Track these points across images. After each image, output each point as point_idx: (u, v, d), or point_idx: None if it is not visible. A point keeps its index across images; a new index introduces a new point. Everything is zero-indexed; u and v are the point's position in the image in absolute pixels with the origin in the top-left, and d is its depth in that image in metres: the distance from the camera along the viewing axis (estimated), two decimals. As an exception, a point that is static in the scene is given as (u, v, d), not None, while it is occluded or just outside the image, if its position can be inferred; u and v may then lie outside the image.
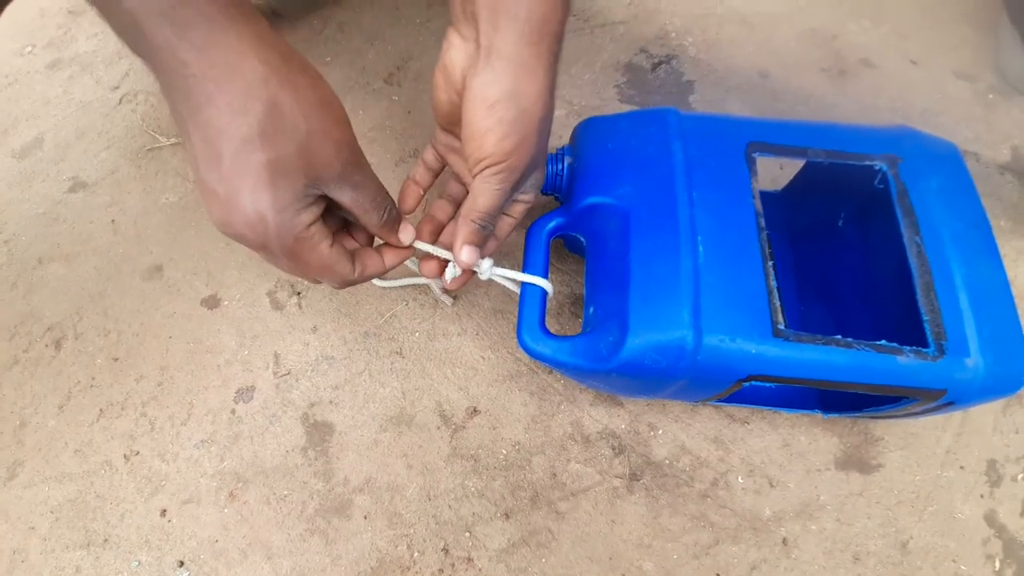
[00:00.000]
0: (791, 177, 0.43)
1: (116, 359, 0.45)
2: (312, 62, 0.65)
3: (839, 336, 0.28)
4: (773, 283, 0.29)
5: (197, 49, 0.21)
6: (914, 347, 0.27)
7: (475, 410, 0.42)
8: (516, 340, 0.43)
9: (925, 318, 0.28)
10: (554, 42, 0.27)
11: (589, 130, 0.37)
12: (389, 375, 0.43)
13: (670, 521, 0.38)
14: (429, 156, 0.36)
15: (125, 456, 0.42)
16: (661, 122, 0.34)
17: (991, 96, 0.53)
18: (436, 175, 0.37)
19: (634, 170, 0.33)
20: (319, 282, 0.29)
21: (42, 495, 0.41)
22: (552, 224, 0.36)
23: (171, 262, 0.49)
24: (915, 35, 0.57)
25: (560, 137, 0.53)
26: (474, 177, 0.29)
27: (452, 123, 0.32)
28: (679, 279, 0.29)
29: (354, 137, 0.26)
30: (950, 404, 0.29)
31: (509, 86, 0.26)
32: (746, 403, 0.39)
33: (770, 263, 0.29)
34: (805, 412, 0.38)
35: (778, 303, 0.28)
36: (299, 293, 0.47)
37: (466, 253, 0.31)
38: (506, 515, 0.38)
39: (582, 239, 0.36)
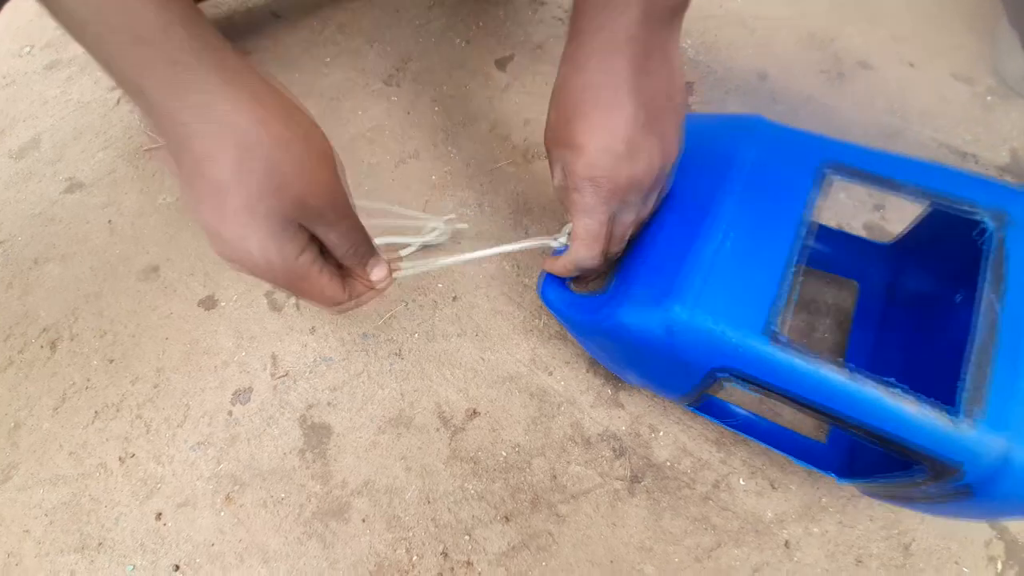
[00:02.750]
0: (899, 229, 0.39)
1: (112, 360, 0.45)
2: (312, 63, 0.66)
3: (842, 359, 0.26)
4: (787, 291, 0.28)
5: (178, 102, 0.22)
6: (936, 402, 0.24)
7: (475, 412, 0.41)
8: (508, 343, 0.43)
9: (965, 380, 0.24)
10: None
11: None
12: (388, 376, 0.43)
13: (672, 524, 0.37)
14: None
15: (120, 459, 0.41)
16: (744, 127, 0.34)
17: (989, 98, 0.53)
18: None
19: (697, 163, 0.32)
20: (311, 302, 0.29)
21: (36, 498, 0.40)
22: None
23: (168, 262, 0.49)
24: (912, 38, 0.57)
25: (560, 138, 0.53)
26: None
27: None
28: (693, 259, 0.29)
29: (336, 179, 0.25)
30: (967, 489, 0.24)
31: None
32: (761, 440, 0.38)
33: (792, 272, 0.28)
34: (819, 471, 0.35)
35: (782, 307, 0.27)
36: (297, 294, 0.47)
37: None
38: (506, 518, 0.38)
39: None
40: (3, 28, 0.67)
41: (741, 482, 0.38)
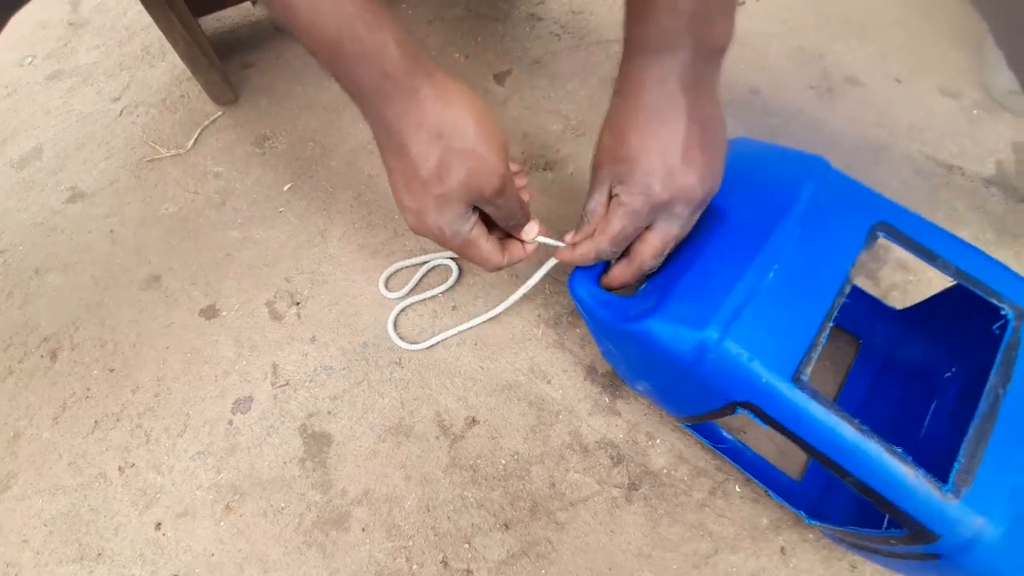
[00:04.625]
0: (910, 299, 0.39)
1: (112, 370, 0.45)
2: (313, 76, 0.66)
3: (858, 420, 0.26)
4: (821, 340, 0.28)
5: (396, 116, 0.28)
6: (931, 476, 0.25)
7: (474, 420, 0.42)
8: (507, 352, 0.44)
9: (960, 459, 0.25)
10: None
11: (735, 147, 0.36)
12: (388, 385, 0.43)
13: (669, 531, 0.38)
14: None
15: (120, 468, 0.42)
16: (806, 165, 0.34)
17: (976, 112, 0.55)
18: None
19: (755, 190, 0.33)
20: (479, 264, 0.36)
21: (35, 508, 0.40)
22: None
23: (170, 272, 0.49)
24: (899, 54, 0.59)
25: (558, 151, 0.54)
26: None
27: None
28: (735, 286, 0.29)
29: (506, 165, 0.31)
30: (936, 557, 0.25)
31: None
32: (740, 464, 0.39)
33: (829, 325, 0.29)
34: (790, 507, 0.37)
35: (814, 358, 0.28)
36: (298, 303, 0.47)
37: None
38: (505, 526, 0.38)
39: None
40: (4, 39, 0.68)
41: (737, 489, 0.39)
